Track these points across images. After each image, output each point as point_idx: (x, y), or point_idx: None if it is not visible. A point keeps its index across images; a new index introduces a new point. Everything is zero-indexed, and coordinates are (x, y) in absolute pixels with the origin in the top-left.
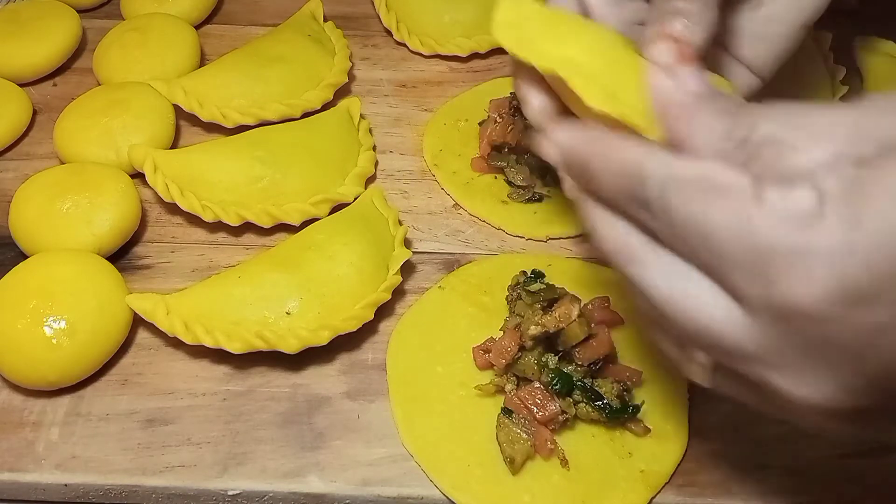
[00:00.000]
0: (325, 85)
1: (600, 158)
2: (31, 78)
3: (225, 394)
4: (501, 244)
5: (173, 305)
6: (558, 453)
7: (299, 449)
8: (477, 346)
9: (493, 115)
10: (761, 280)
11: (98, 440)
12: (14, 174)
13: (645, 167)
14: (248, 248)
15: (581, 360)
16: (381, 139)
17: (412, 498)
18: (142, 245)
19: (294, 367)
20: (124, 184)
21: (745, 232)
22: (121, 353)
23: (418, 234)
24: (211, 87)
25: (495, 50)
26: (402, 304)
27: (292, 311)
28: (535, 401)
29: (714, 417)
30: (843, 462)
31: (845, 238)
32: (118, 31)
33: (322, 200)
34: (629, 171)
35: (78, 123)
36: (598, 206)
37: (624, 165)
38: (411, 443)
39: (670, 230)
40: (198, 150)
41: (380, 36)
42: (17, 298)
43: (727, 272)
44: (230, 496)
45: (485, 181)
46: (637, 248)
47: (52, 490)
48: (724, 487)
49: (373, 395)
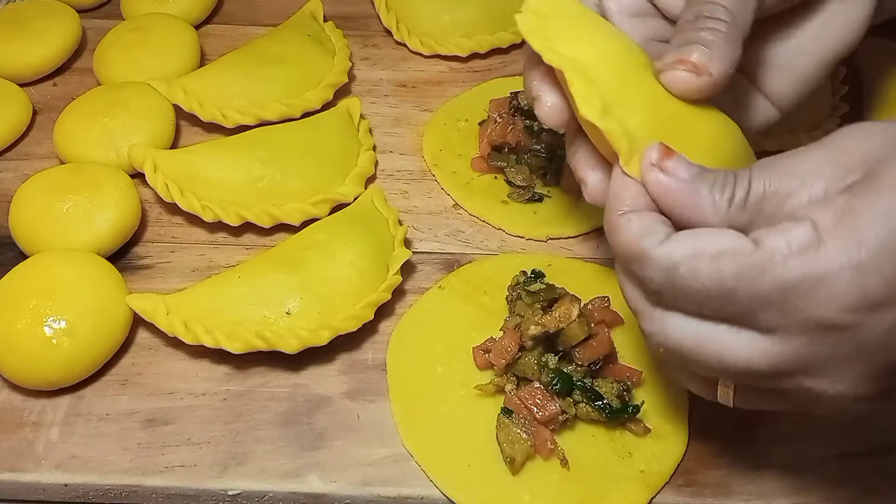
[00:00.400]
0: (325, 85)
1: (608, 231)
2: (31, 78)
3: (225, 394)
4: (501, 244)
5: (173, 305)
6: (558, 453)
7: (299, 449)
8: (477, 346)
9: (493, 115)
10: (790, 311)
11: (98, 440)
12: (14, 174)
13: (646, 255)
14: (248, 248)
15: (581, 360)
16: (381, 139)
17: (412, 498)
18: (142, 245)
19: (294, 367)
20: (124, 184)
21: (760, 278)
22: (121, 353)
23: (418, 234)
24: (211, 87)
25: (495, 50)
26: (402, 304)
27: (292, 311)
28: (535, 401)
29: (714, 417)
30: (843, 462)
31: (849, 253)
32: (118, 31)
33: (322, 200)
34: (633, 255)
35: (78, 123)
36: (618, 265)
37: (627, 249)
38: (411, 443)
39: (683, 299)
40: (198, 150)
41: (380, 36)
42: (17, 298)
43: (752, 316)
44: (230, 496)
45: (485, 181)
46: (652, 310)
47: (52, 490)
48: (724, 487)
49: (373, 395)
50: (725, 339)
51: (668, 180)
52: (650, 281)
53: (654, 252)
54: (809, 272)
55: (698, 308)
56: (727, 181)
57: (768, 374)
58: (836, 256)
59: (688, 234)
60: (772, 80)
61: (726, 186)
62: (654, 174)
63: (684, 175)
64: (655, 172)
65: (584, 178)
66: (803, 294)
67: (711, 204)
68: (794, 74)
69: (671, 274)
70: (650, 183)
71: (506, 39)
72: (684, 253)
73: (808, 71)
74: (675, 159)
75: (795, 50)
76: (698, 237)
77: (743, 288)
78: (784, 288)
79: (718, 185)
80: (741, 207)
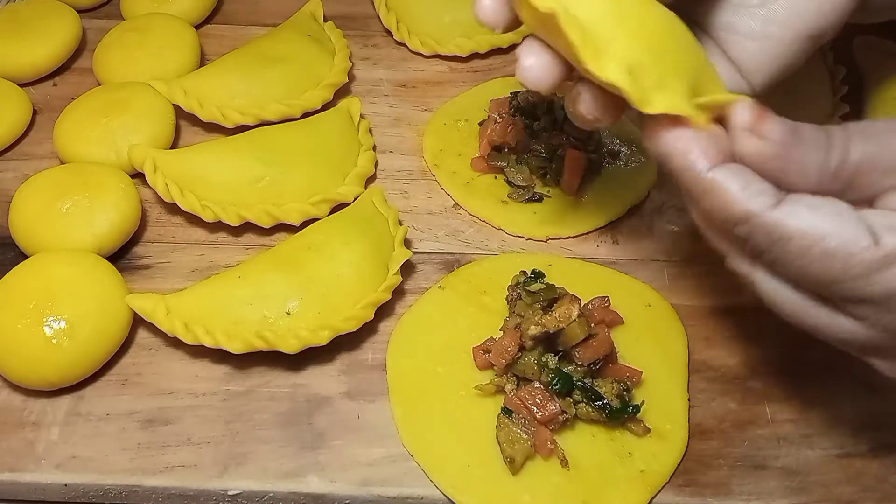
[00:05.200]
0: (325, 85)
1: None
2: (31, 78)
3: (225, 394)
4: (501, 244)
5: (173, 305)
6: (558, 453)
7: (299, 449)
8: (477, 346)
9: (493, 115)
10: (885, 311)
11: (98, 440)
12: (14, 174)
13: (755, 219)
14: (248, 248)
15: (581, 360)
16: (381, 139)
17: (412, 498)
18: (142, 245)
19: (294, 367)
20: (124, 184)
21: (869, 279)
22: (121, 353)
23: (418, 234)
24: (211, 87)
25: (495, 50)
26: (402, 304)
27: (292, 311)
28: (535, 401)
29: (714, 417)
30: (843, 462)
31: None
32: (118, 31)
33: (322, 200)
34: (738, 218)
35: (78, 123)
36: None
37: (730, 212)
38: (411, 443)
39: (784, 267)
40: (198, 150)
41: (380, 36)
42: (17, 298)
43: (848, 304)
44: (230, 496)
45: (485, 181)
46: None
47: (52, 490)
48: (724, 487)
49: (373, 395)
50: (814, 313)
51: (764, 146)
52: (754, 244)
53: (765, 217)
54: None
55: (796, 278)
56: (825, 145)
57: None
58: None
59: (803, 204)
60: (740, 48)
61: (822, 151)
62: (749, 141)
63: (778, 137)
64: (749, 138)
65: (520, 55)
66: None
67: (804, 170)
68: (765, 45)
69: (781, 245)
70: (746, 149)
71: (506, 39)
72: (799, 227)
73: (782, 45)
74: (770, 122)
75: (764, 18)
76: (816, 213)
77: (848, 280)
78: (890, 293)
79: (816, 149)
80: (834, 177)
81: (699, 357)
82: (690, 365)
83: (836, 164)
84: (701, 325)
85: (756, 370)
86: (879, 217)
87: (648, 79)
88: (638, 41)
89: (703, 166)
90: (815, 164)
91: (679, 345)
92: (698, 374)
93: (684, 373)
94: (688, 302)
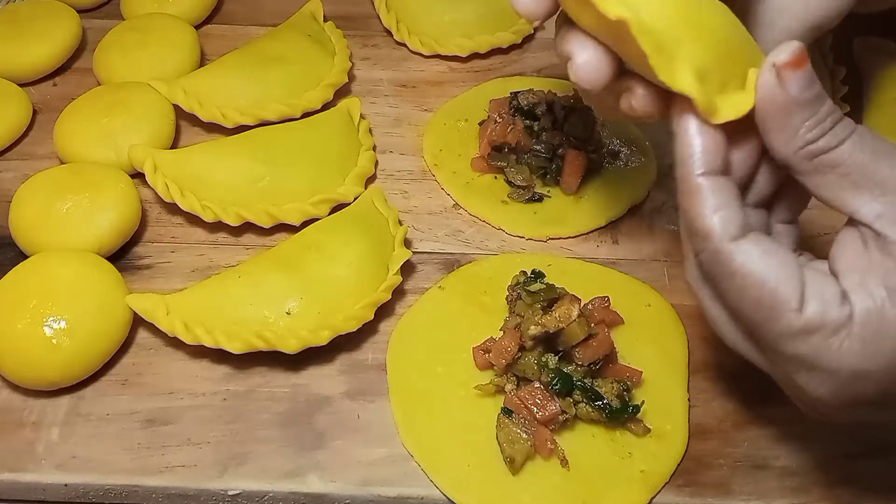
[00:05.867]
0: (325, 85)
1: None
2: (31, 78)
3: (225, 394)
4: (501, 244)
5: (173, 305)
6: (558, 453)
7: (299, 449)
8: (477, 346)
9: (493, 115)
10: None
11: (98, 440)
12: (14, 174)
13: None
14: (248, 248)
15: (581, 360)
16: (381, 139)
17: (412, 498)
18: (142, 245)
19: (294, 367)
20: (124, 184)
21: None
22: (121, 353)
23: (418, 234)
24: (211, 87)
25: (495, 50)
26: (402, 304)
27: (292, 311)
28: (535, 401)
29: (714, 417)
30: (843, 462)
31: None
32: (118, 31)
33: (322, 200)
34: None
35: (78, 123)
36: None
37: (695, 221)
38: (411, 443)
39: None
40: (198, 150)
41: (380, 36)
42: (17, 298)
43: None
44: (230, 496)
45: (485, 181)
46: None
47: (52, 490)
48: (724, 487)
49: (373, 395)
50: (742, 345)
51: (777, 92)
52: (701, 260)
53: (722, 245)
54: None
55: (731, 310)
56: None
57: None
58: (849, 359)
59: (760, 247)
60: (758, 36)
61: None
62: (768, 77)
63: (794, 94)
64: (772, 76)
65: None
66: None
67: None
68: (776, 35)
69: (726, 276)
70: (762, 84)
71: (506, 39)
72: (745, 267)
73: (788, 34)
74: (796, 73)
75: (778, 9)
76: (765, 259)
77: (767, 331)
78: (796, 357)
79: (813, 122)
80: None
81: (699, 357)
82: (690, 365)
83: (821, 149)
84: (701, 325)
85: (756, 370)
86: (817, 280)
87: (713, 84)
88: (703, 44)
89: (698, 167)
90: (802, 140)
91: (679, 345)
92: (698, 374)
93: (684, 373)
94: (688, 302)
